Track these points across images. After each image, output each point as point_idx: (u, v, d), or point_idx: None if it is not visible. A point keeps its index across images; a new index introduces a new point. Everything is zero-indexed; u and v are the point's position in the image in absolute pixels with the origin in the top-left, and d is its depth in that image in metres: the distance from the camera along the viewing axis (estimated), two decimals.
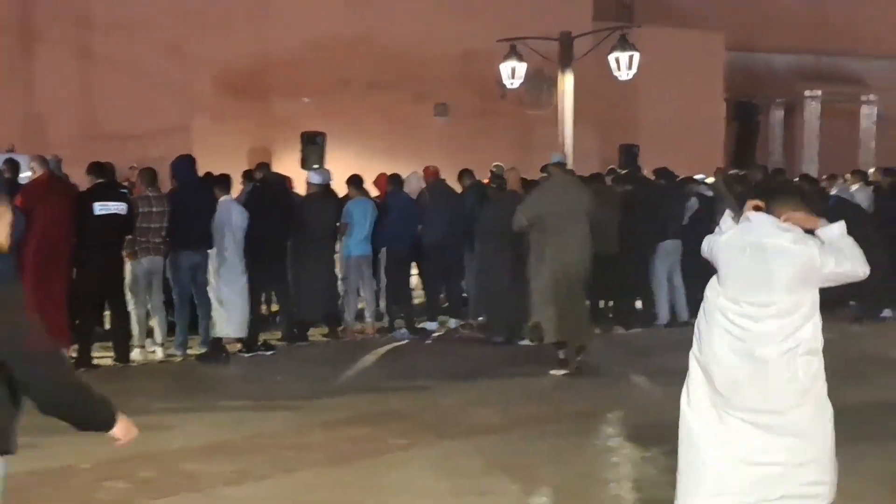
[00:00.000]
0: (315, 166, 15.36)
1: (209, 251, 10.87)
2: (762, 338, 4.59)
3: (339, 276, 12.56)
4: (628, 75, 16.78)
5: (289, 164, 16.14)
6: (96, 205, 10.29)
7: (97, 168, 10.63)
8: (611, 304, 13.41)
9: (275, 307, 12.98)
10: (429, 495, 6.45)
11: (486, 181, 13.34)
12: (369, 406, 8.86)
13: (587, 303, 11.12)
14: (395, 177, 12.91)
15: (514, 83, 17.41)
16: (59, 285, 10.11)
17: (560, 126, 16.63)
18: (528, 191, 11.17)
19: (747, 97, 25.42)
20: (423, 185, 13.07)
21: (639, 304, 13.29)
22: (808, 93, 26.66)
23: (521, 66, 17.06)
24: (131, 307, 10.77)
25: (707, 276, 4.86)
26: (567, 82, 16.53)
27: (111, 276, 10.55)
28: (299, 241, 11.87)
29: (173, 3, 17.84)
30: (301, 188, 13.17)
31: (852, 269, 4.61)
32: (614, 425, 8.19)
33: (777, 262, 4.58)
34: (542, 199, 10.20)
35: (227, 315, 10.81)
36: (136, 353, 10.72)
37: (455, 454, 7.32)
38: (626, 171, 14.65)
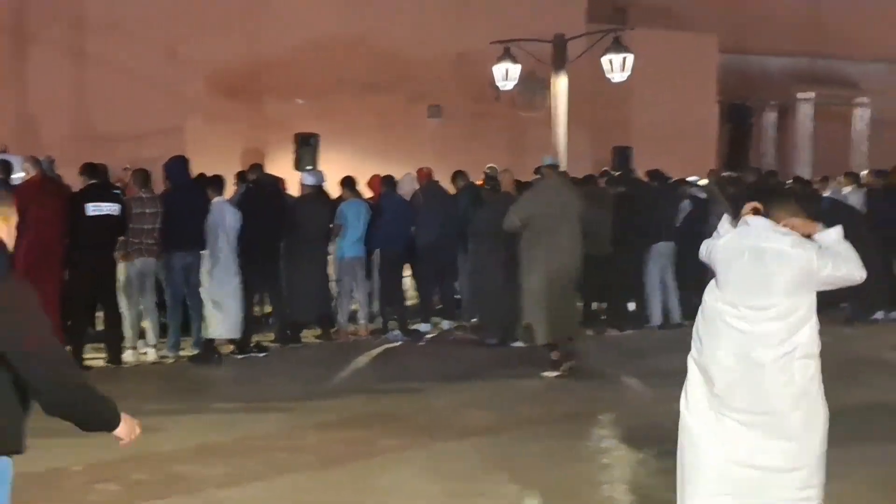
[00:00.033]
0: (308, 167, 15.34)
1: (202, 252, 10.87)
2: (760, 341, 4.61)
3: (332, 278, 12.55)
4: (622, 77, 16.79)
5: (282, 166, 16.13)
6: (89, 205, 10.28)
7: (90, 169, 10.63)
8: (604, 306, 13.41)
9: (268, 308, 12.95)
10: (422, 497, 6.45)
11: (480, 183, 13.33)
12: (362, 408, 8.86)
13: (579, 304, 11.11)
14: (388, 178, 12.91)
15: (507, 85, 17.41)
16: (51, 286, 10.05)
17: (554, 128, 16.63)
18: (522, 192, 11.18)
19: (740, 99, 25.46)
20: (417, 187, 13.08)
21: (632, 305, 13.27)
22: (802, 95, 26.67)
23: (514, 68, 17.06)
24: (124, 308, 10.75)
25: (700, 277, 4.87)
26: (561, 84, 16.54)
27: (104, 278, 10.53)
28: (292, 242, 11.86)
29: (167, 4, 17.80)
30: (294, 189, 13.16)
31: (849, 273, 4.64)
32: (607, 427, 8.19)
33: (776, 266, 4.61)
34: (534, 201, 10.21)
35: (220, 316, 10.79)
36: (128, 355, 10.71)
37: (448, 456, 7.32)
38: (619, 173, 14.67)
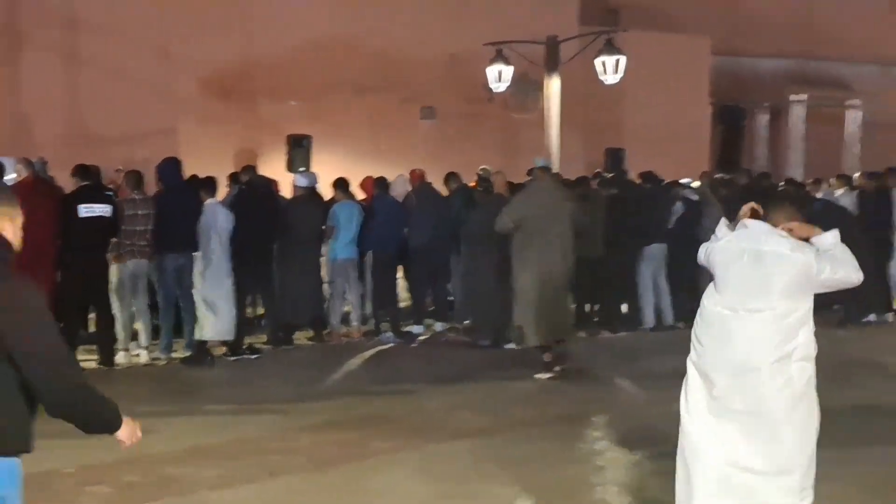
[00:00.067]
0: (301, 169, 15.32)
1: (194, 254, 10.85)
2: (758, 343, 4.64)
3: (324, 280, 12.54)
4: (614, 79, 16.77)
5: (275, 167, 16.09)
6: (81, 207, 10.27)
7: (82, 170, 10.61)
8: (596, 308, 13.42)
9: (260, 310, 12.93)
10: (414, 499, 6.45)
11: (473, 184, 13.33)
12: (355, 409, 8.86)
13: (572, 306, 11.11)
14: (381, 180, 12.89)
15: (500, 87, 17.39)
16: (43, 288, 10.01)
17: (546, 129, 16.62)
18: (515, 194, 11.17)
19: (733, 101, 25.46)
20: (410, 189, 13.06)
21: (624, 307, 13.29)
22: (794, 97, 26.69)
23: (507, 70, 17.05)
24: (116, 310, 10.73)
25: (692, 279, 4.89)
26: (553, 86, 16.53)
27: (96, 279, 10.52)
28: (285, 244, 11.85)
29: (159, 5, 17.76)
30: (287, 191, 13.14)
31: (847, 276, 4.70)
32: (600, 429, 8.19)
33: (775, 269, 4.65)
34: (526, 202, 10.22)
35: (213, 318, 10.78)
36: (120, 357, 10.69)
37: (441, 457, 7.32)
38: (612, 175, 14.66)
